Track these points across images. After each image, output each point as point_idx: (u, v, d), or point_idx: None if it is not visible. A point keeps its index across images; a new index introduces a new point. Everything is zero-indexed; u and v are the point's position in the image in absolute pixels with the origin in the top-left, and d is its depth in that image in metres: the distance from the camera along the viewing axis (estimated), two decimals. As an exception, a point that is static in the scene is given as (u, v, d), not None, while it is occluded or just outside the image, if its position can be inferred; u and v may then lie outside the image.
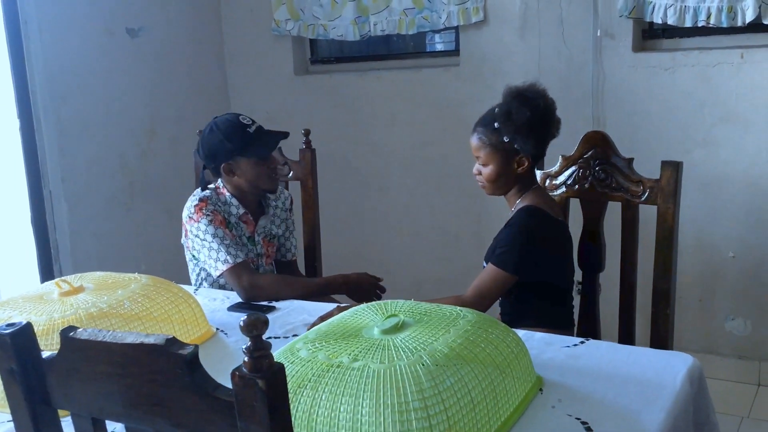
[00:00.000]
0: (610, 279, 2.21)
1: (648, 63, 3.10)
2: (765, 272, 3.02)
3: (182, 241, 2.41)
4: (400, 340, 1.43)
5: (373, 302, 1.66)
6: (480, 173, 2.06)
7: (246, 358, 0.87)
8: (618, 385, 1.57)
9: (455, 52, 3.53)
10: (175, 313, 1.86)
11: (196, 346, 0.94)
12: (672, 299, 2.01)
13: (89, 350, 0.98)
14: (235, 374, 0.86)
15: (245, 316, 0.86)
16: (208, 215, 2.26)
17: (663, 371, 1.61)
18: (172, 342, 0.93)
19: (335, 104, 3.80)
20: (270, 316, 2.10)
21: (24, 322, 1.04)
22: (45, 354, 1.03)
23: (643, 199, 2.03)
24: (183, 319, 1.88)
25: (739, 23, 2.84)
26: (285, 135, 2.34)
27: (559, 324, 1.98)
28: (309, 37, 3.76)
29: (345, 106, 3.78)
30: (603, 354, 1.72)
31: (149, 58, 3.64)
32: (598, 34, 3.15)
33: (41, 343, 1.06)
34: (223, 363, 1.62)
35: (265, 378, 0.85)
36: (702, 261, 3.13)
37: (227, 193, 2.35)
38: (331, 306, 2.10)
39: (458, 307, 1.59)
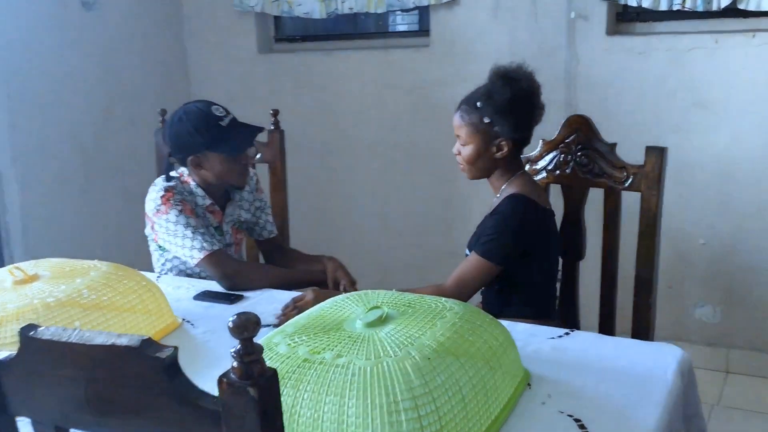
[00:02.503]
0: (586, 267, 2.16)
1: (622, 46, 3.05)
2: (735, 259, 3.01)
3: (146, 232, 2.28)
4: (386, 334, 1.34)
5: (353, 292, 1.58)
6: (459, 153, 1.98)
7: (235, 363, 0.78)
8: (608, 379, 1.51)
9: (425, 32, 3.44)
10: (138, 303, 1.75)
11: (175, 349, 0.84)
12: (654, 288, 1.96)
13: (53, 351, 0.87)
14: (223, 381, 0.77)
15: (234, 317, 0.77)
16: (177, 205, 2.13)
17: (653, 364, 1.56)
18: (149, 343, 0.83)
19: (301, 84, 3.68)
20: (239, 305, 2.01)
21: None
22: (0, 355, 0.92)
23: (626, 185, 1.97)
24: (147, 309, 1.77)
25: (714, 8, 2.81)
26: (260, 129, 2.22)
27: (541, 314, 1.92)
28: (273, 13, 3.63)
29: (311, 87, 3.66)
30: (589, 346, 1.66)
31: (105, 32, 3.47)
32: (572, 16, 3.09)
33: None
34: (191, 357, 1.53)
35: (258, 386, 0.75)
36: (672, 247, 3.10)
37: (192, 183, 2.22)
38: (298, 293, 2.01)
39: (443, 299, 1.51)
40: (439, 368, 1.26)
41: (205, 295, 2.06)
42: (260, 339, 1.42)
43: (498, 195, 1.99)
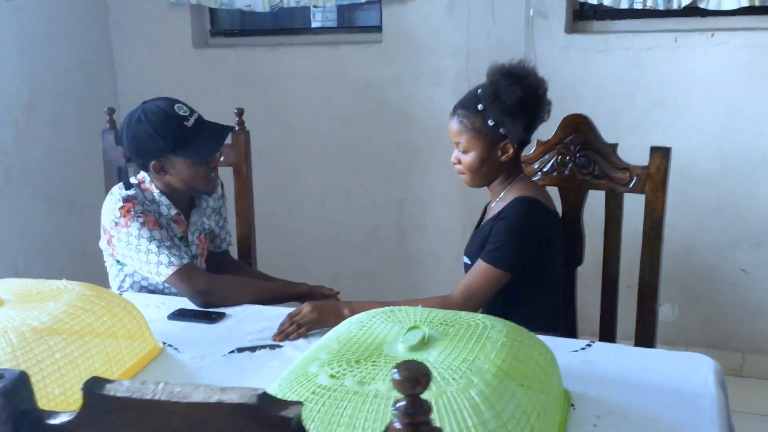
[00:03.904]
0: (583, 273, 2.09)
1: (581, 45, 3.01)
2: (693, 258, 3.03)
3: (101, 245, 2.04)
4: (436, 359, 1.21)
5: (377, 309, 1.43)
6: (459, 162, 1.85)
7: (398, 424, 0.62)
8: (651, 395, 1.43)
9: (377, 28, 3.30)
10: (120, 328, 1.55)
11: (301, 405, 0.67)
12: (658, 294, 1.90)
13: (131, 412, 0.69)
14: (387, 448, 0.62)
15: (402, 367, 0.62)
16: (139, 217, 1.91)
17: (690, 376, 1.50)
18: (267, 400, 0.67)
19: (240, 81, 3.47)
20: (223, 324, 1.83)
21: (16, 370, 0.74)
22: (53, 419, 0.73)
23: (629, 187, 1.91)
24: (128, 333, 1.57)
25: (675, 6, 2.80)
26: (230, 129, 2.03)
27: (549, 325, 1.82)
28: (211, 6, 3.40)
29: (252, 84, 3.45)
30: (617, 358, 1.58)
31: (25, 24, 3.16)
32: (531, 13, 3.02)
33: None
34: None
35: (434, 453, 0.60)
36: (630, 247, 3.09)
37: (155, 191, 2.00)
38: (289, 309, 1.85)
39: (480, 315, 1.39)
40: (506, 396, 1.14)
41: (182, 314, 1.86)
42: (293, 370, 1.26)
43: (497, 200, 1.88)
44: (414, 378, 0.61)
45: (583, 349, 1.62)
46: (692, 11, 2.83)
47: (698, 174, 2.95)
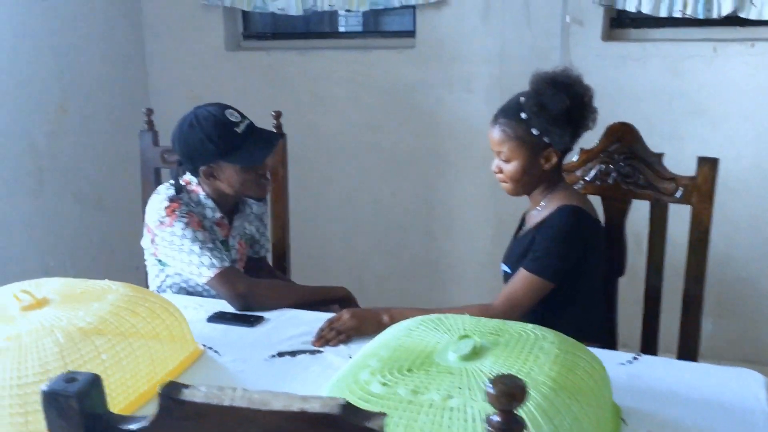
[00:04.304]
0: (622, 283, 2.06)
1: (617, 53, 2.98)
2: (728, 270, 2.99)
3: (143, 244, 2.04)
4: (489, 370, 1.19)
5: (424, 316, 1.41)
6: (500, 171, 1.83)
7: (491, 439, 0.60)
8: (702, 411, 1.40)
9: (410, 33, 3.28)
10: (163, 329, 1.54)
11: (383, 416, 0.66)
12: (702, 307, 1.87)
13: (209, 419, 0.68)
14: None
15: (497, 381, 0.60)
16: (183, 217, 1.91)
17: (741, 392, 1.47)
18: (350, 410, 0.65)
19: (272, 84, 3.47)
20: (262, 328, 1.82)
21: (89, 373, 0.73)
22: (127, 424, 0.72)
23: (676, 197, 1.88)
24: (171, 335, 1.56)
25: (715, 15, 2.76)
26: (280, 136, 2.04)
27: (591, 336, 1.78)
28: (245, 8, 3.40)
29: (283, 87, 3.45)
30: (665, 373, 1.56)
31: (59, 24, 3.17)
32: (567, 20, 3.00)
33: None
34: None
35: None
36: (671, 258, 3.06)
37: (201, 193, 2.01)
38: (327, 314, 1.83)
39: (530, 325, 1.36)
40: (562, 410, 1.13)
41: (221, 317, 1.85)
42: (342, 376, 1.24)
43: (538, 208, 1.86)
44: (510, 393, 0.59)
45: (629, 362, 1.60)
46: (732, 21, 2.79)
47: (735, 184, 2.91)
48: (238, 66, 3.54)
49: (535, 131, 1.76)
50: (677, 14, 2.81)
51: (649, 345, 1.97)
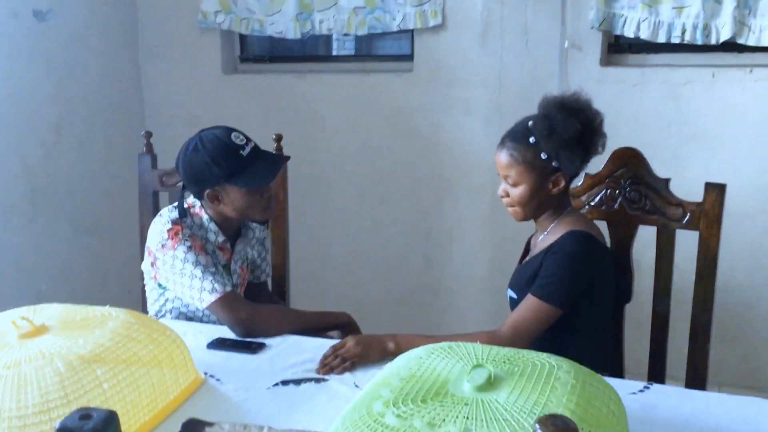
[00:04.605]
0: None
1: (616, 78, 2.99)
2: (727, 296, 2.96)
3: (143, 267, 2.01)
4: (507, 401, 1.16)
5: (436, 345, 1.38)
6: (507, 195, 1.81)
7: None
8: (718, 440, 1.37)
9: (408, 57, 3.28)
10: (165, 357, 1.50)
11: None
12: (711, 334, 1.85)
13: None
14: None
15: (546, 423, 0.57)
16: (186, 241, 1.89)
17: (757, 422, 1.45)
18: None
19: (269, 108, 3.45)
20: (264, 355, 1.79)
21: (104, 409, 0.69)
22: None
23: (683, 223, 1.86)
24: (173, 363, 1.52)
25: (713, 41, 2.77)
26: (285, 159, 2.02)
27: (599, 365, 1.75)
28: (242, 32, 3.40)
29: (280, 110, 3.43)
30: (678, 403, 1.53)
31: (57, 45, 3.16)
32: (566, 45, 3.00)
33: None
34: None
35: None
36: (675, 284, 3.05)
37: (205, 216, 1.98)
38: (331, 341, 1.81)
39: (544, 354, 1.33)
40: (583, 442, 1.09)
41: (221, 344, 1.81)
42: (355, 407, 1.20)
43: (545, 233, 1.84)
44: (558, 432, 0.56)
45: (641, 391, 1.57)
46: (730, 47, 2.80)
47: (733, 210, 2.87)
48: (235, 89, 3.52)
49: (544, 155, 1.74)
50: (675, 40, 2.82)
51: (657, 373, 1.94)
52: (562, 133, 1.71)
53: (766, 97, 2.79)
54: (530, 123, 1.77)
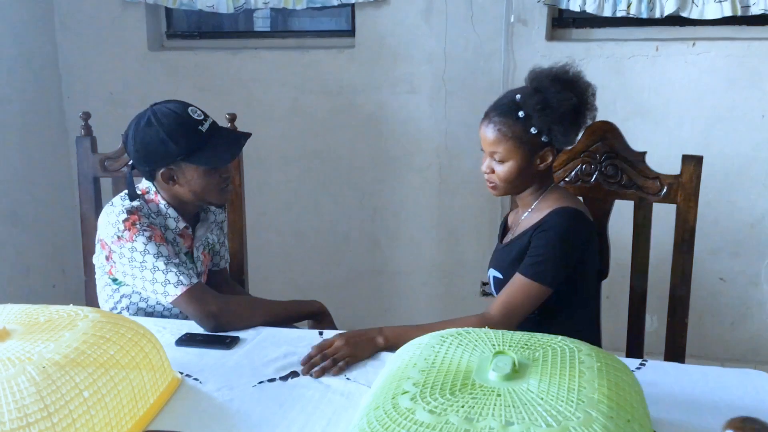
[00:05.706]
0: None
1: (561, 52, 2.95)
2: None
3: (94, 261, 1.84)
4: (539, 390, 1.09)
5: (444, 332, 1.30)
6: (492, 171, 1.74)
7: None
8: (730, 416, 1.35)
9: (349, 32, 3.17)
10: (142, 358, 1.37)
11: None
12: (688, 307, 1.85)
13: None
14: None
15: (738, 426, 0.50)
16: (146, 231, 1.73)
17: (760, 395, 1.43)
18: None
19: (200, 87, 3.27)
20: (239, 350, 1.67)
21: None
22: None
23: (660, 196, 1.84)
24: (150, 364, 1.39)
25: (658, 15, 2.79)
26: (247, 136, 1.87)
27: (584, 339, 1.72)
28: (169, 6, 3.20)
29: (213, 90, 3.26)
30: (677, 378, 1.52)
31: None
32: (512, 20, 2.96)
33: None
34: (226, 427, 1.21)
35: None
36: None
37: (162, 202, 1.82)
38: (304, 331, 1.71)
39: (568, 339, 1.28)
40: (622, 429, 1.04)
41: (191, 340, 1.68)
42: (377, 400, 1.11)
43: (529, 210, 1.78)
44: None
45: (638, 368, 1.54)
46: (673, 20, 2.83)
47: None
48: (162, 67, 3.32)
49: (534, 130, 1.68)
50: (621, 14, 2.82)
51: (635, 348, 1.93)
52: (557, 107, 1.65)
53: (708, 70, 2.83)
54: (518, 97, 1.71)
